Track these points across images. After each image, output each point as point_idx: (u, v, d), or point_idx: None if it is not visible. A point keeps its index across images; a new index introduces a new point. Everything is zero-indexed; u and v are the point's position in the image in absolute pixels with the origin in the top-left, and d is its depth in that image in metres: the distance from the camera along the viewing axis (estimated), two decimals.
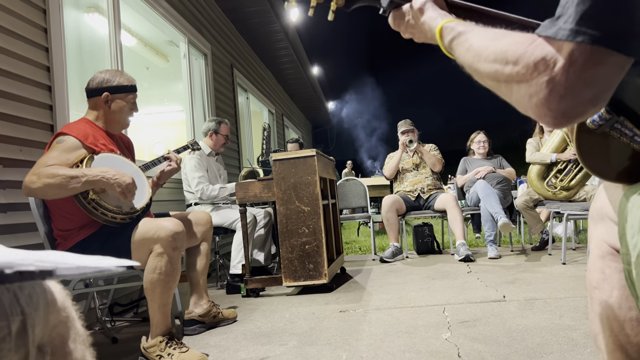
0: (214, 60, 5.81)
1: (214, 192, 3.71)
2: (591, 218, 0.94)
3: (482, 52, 0.68)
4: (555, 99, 0.59)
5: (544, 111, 0.61)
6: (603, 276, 0.87)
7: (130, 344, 2.44)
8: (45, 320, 0.62)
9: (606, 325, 0.87)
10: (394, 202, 4.63)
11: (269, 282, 3.33)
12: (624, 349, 0.85)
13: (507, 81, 0.64)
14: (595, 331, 0.91)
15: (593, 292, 0.90)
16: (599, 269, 0.88)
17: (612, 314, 0.85)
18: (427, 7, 0.87)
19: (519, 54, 0.62)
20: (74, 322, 0.69)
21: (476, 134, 5.11)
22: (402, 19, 0.93)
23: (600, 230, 0.90)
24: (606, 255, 0.88)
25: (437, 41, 0.83)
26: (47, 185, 1.87)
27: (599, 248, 0.90)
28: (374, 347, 2.03)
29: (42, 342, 0.62)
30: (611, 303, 0.85)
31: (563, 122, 0.61)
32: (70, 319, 0.68)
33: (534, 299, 2.65)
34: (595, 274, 0.89)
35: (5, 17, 2.36)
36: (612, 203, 0.87)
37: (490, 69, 0.66)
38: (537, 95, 0.60)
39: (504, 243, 5.28)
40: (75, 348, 0.68)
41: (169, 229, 2.02)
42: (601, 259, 0.89)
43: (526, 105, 0.63)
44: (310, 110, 14.88)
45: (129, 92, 2.30)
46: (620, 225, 0.77)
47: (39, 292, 0.61)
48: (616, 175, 0.85)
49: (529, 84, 0.61)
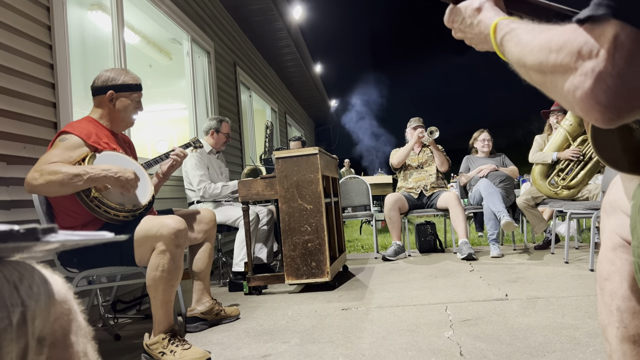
0: (217, 58, 5.81)
1: (217, 191, 3.72)
2: (604, 210, 0.94)
3: (529, 43, 0.63)
4: (602, 89, 0.53)
5: (590, 104, 0.55)
6: (614, 268, 0.88)
7: (133, 341, 2.45)
8: (46, 312, 0.62)
9: (616, 317, 0.87)
10: (396, 200, 4.62)
11: (271, 279, 3.34)
12: (633, 339, 0.85)
13: (552, 72, 0.58)
14: (604, 322, 0.91)
15: (603, 284, 0.90)
16: (610, 261, 0.89)
17: (623, 304, 0.86)
18: (485, 6, 0.84)
19: (563, 41, 0.56)
20: (76, 315, 0.69)
21: (480, 132, 5.09)
22: (458, 16, 0.91)
23: (612, 222, 0.90)
24: (617, 247, 0.88)
25: (490, 41, 0.80)
26: (49, 182, 1.88)
27: (610, 240, 0.90)
28: (376, 345, 2.03)
29: (43, 334, 0.63)
30: (621, 294, 0.86)
31: (612, 117, 0.55)
32: (72, 312, 0.68)
33: (537, 297, 2.65)
34: (606, 266, 0.89)
35: (9, 15, 2.36)
36: (627, 195, 0.87)
37: (535, 60, 0.61)
38: (582, 87, 0.54)
39: (507, 242, 5.28)
40: (77, 341, 0.68)
41: (171, 226, 2.03)
42: (612, 251, 0.89)
43: (571, 100, 0.57)
44: (313, 109, 14.88)
45: (134, 90, 2.30)
46: (633, 218, 0.76)
47: (39, 284, 0.61)
48: (629, 166, 0.83)
49: (574, 75, 0.55)
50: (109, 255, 2.13)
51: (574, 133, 4.17)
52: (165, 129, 7.55)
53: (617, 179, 0.92)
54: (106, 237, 0.58)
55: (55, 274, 0.68)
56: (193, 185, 3.74)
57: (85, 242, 0.57)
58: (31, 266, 0.63)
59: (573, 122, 4.14)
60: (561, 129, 4.22)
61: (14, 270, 0.59)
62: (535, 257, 4.09)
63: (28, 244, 0.51)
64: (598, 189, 4.14)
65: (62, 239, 0.53)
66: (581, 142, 4.17)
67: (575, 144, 4.15)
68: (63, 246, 0.57)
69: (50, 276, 0.66)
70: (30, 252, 0.59)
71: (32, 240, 0.50)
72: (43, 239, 0.50)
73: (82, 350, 0.69)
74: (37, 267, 0.64)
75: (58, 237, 0.52)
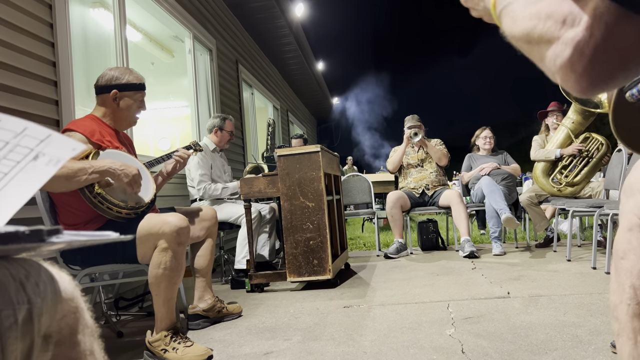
0: (219, 55, 5.81)
1: (216, 192, 3.73)
2: (624, 192, 0.98)
3: (520, 13, 0.64)
4: (579, 58, 0.54)
5: (567, 73, 0.56)
6: (630, 246, 0.90)
7: (135, 338, 2.46)
8: (52, 310, 0.62)
9: (629, 294, 0.90)
10: (398, 198, 4.62)
11: (273, 277, 3.34)
12: None
13: (539, 42, 0.60)
14: (615, 302, 0.94)
15: (619, 262, 0.92)
16: (627, 240, 0.91)
17: (638, 282, 0.89)
18: None
19: (551, 10, 0.58)
20: (83, 313, 0.69)
21: (482, 130, 5.08)
22: None
23: (631, 204, 0.93)
24: (635, 227, 0.91)
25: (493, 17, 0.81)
26: (54, 177, 1.88)
27: (628, 220, 0.93)
28: (377, 343, 2.03)
29: (49, 331, 0.63)
30: (637, 272, 0.89)
31: (588, 86, 0.56)
32: (79, 310, 0.68)
33: (539, 295, 2.65)
34: (623, 245, 0.92)
35: (11, 12, 2.37)
36: None
37: (525, 29, 0.62)
38: (561, 55, 0.56)
39: (509, 240, 5.27)
40: (84, 339, 0.68)
41: (173, 224, 2.03)
42: (629, 231, 0.92)
43: (553, 68, 0.58)
44: (315, 106, 14.86)
45: (137, 90, 2.31)
46: None
47: (46, 281, 0.61)
48: None
49: (557, 43, 0.56)
50: (111, 253, 2.13)
51: (576, 131, 4.16)
52: (167, 127, 7.56)
53: (638, 163, 0.95)
54: (111, 237, 0.58)
55: (62, 272, 0.68)
56: (194, 184, 3.74)
57: (91, 242, 0.57)
58: (38, 264, 0.63)
59: (575, 120, 4.14)
60: (563, 127, 4.21)
61: (20, 267, 0.59)
62: (537, 255, 4.09)
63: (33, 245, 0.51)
64: (601, 187, 4.13)
65: (68, 240, 0.53)
66: (583, 139, 4.16)
67: (577, 141, 4.15)
68: (69, 246, 0.57)
69: (57, 274, 0.66)
70: (36, 251, 0.59)
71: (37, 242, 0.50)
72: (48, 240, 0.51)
73: (89, 349, 0.69)
74: (44, 265, 0.64)
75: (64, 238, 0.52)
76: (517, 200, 4.67)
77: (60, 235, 0.52)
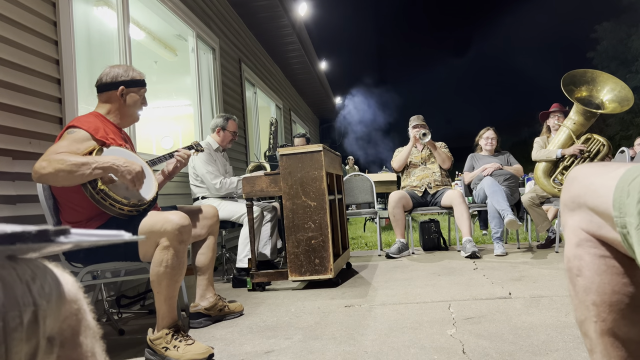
0: (222, 54, 5.82)
1: (233, 185, 3.76)
2: (565, 206, 0.94)
3: None
4: None
5: None
6: (583, 262, 0.88)
7: (137, 336, 2.46)
8: (57, 311, 0.62)
9: (593, 311, 0.87)
10: (400, 198, 4.62)
11: (274, 276, 3.35)
12: (612, 332, 0.86)
13: None
14: (580, 318, 0.91)
15: (575, 280, 0.90)
16: (578, 257, 0.89)
17: (598, 298, 0.86)
18: None
19: None
20: (85, 315, 0.69)
21: (485, 130, 5.07)
22: None
23: (576, 218, 0.90)
24: (583, 242, 0.88)
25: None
26: (57, 170, 1.89)
27: (575, 236, 0.90)
28: (378, 342, 2.03)
29: (52, 333, 0.63)
30: (595, 288, 0.86)
31: None
32: (82, 312, 0.68)
33: (540, 296, 2.64)
34: (575, 262, 0.89)
35: (15, 10, 2.37)
36: (590, 189, 0.86)
37: None
38: None
39: (511, 240, 5.26)
40: (86, 341, 0.68)
41: (175, 222, 2.03)
42: (578, 247, 0.89)
43: None
44: (317, 106, 14.86)
45: (142, 86, 2.34)
46: (618, 190, 0.77)
47: (51, 283, 0.61)
48: None
49: None
50: (113, 251, 2.14)
51: (577, 132, 4.16)
52: (170, 125, 7.57)
53: (575, 175, 0.92)
54: (124, 237, 0.58)
55: (66, 273, 0.68)
56: (206, 181, 3.75)
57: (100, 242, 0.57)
58: (44, 265, 0.63)
59: (577, 121, 4.13)
60: (565, 128, 4.21)
61: (27, 268, 0.59)
62: (539, 256, 4.08)
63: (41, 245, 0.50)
64: None
65: (77, 240, 0.53)
66: (585, 140, 4.16)
67: (579, 142, 4.14)
68: (77, 246, 0.57)
69: (62, 275, 0.66)
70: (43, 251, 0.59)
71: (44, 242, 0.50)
72: (56, 240, 0.50)
73: (91, 351, 0.69)
74: (50, 266, 0.64)
75: (72, 238, 0.52)
76: (519, 201, 4.67)
77: (69, 235, 0.51)
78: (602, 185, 0.82)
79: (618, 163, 0.85)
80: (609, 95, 4.04)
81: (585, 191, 0.87)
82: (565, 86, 4.05)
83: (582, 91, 4.12)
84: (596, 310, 0.86)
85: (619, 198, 0.77)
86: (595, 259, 0.86)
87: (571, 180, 0.93)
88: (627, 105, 3.92)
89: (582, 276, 0.88)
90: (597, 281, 0.85)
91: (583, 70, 4.14)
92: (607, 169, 0.84)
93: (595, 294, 0.86)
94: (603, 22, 25.10)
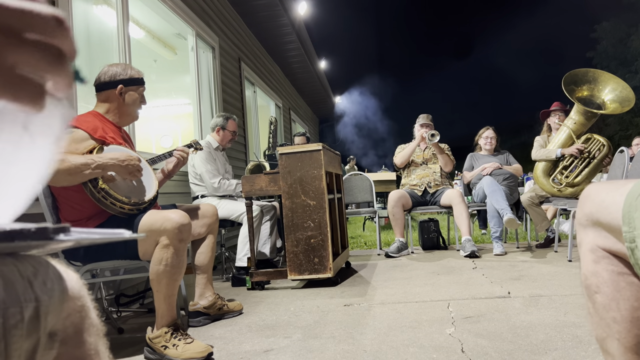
0: (222, 53, 5.81)
1: (231, 187, 3.77)
2: (579, 224, 0.93)
3: None
4: None
5: None
6: (601, 279, 0.87)
7: (136, 334, 2.46)
8: (59, 308, 0.62)
9: (614, 328, 0.86)
10: (400, 197, 4.62)
11: (274, 275, 3.35)
12: (635, 349, 0.85)
13: None
14: (602, 336, 0.90)
15: (594, 297, 0.89)
16: (596, 274, 0.88)
17: (618, 315, 0.85)
18: None
19: None
20: (89, 312, 0.69)
21: (485, 130, 5.07)
22: None
23: (591, 235, 0.90)
24: (600, 259, 0.88)
25: None
26: (57, 171, 1.89)
27: (592, 253, 0.89)
28: (377, 341, 2.03)
29: (54, 329, 0.63)
30: (615, 305, 0.85)
31: None
32: (85, 309, 0.68)
33: (539, 295, 2.65)
34: (593, 279, 0.89)
35: None
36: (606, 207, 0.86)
37: None
38: None
39: (510, 240, 5.27)
40: (89, 338, 0.68)
41: (175, 220, 2.03)
42: (596, 264, 0.88)
43: None
44: (317, 105, 14.86)
45: (140, 84, 2.34)
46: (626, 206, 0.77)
47: (53, 279, 0.61)
48: None
49: None
50: (113, 249, 2.14)
51: (577, 131, 4.16)
52: (169, 124, 7.57)
53: (588, 193, 0.92)
54: (124, 236, 0.57)
55: (70, 270, 0.68)
56: (204, 179, 3.75)
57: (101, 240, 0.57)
58: (46, 261, 0.63)
59: (577, 121, 4.13)
60: (565, 128, 4.21)
61: (28, 265, 0.59)
62: (538, 255, 4.09)
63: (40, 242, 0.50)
64: None
65: (77, 238, 0.53)
66: (585, 140, 4.16)
67: (579, 142, 4.14)
68: (77, 244, 0.57)
69: (65, 272, 0.66)
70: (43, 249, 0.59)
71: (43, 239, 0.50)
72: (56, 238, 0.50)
73: (94, 348, 0.69)
74: (52, 263, 0.64)
75: (72, 236, 0.52)
76: (518, 200, 4.67)
77: (69, 233, 0.51)
78: (613, 202, 0.82)
79: (627, 180, 0.84)
80: (610, 96, 4.03)
81: (597, 208, 0.87)
82: (566, 86, 4.05)
83: (584, 91, 4.12)
84: (617, 327, 0.85)
85: (627, 213, 0.77)
86: (613, 275, 0.86)
87: (584, 198, 0.93)
88: (629, 105, 3.92)
89: (600, 293, 0.87)
90: (617, 298, 0.84)
91: (585, 69, 4.13)
92: (617, 185, 0.84)
93: (616, 310, 0.85)
94: (603, 22, 25.10)
